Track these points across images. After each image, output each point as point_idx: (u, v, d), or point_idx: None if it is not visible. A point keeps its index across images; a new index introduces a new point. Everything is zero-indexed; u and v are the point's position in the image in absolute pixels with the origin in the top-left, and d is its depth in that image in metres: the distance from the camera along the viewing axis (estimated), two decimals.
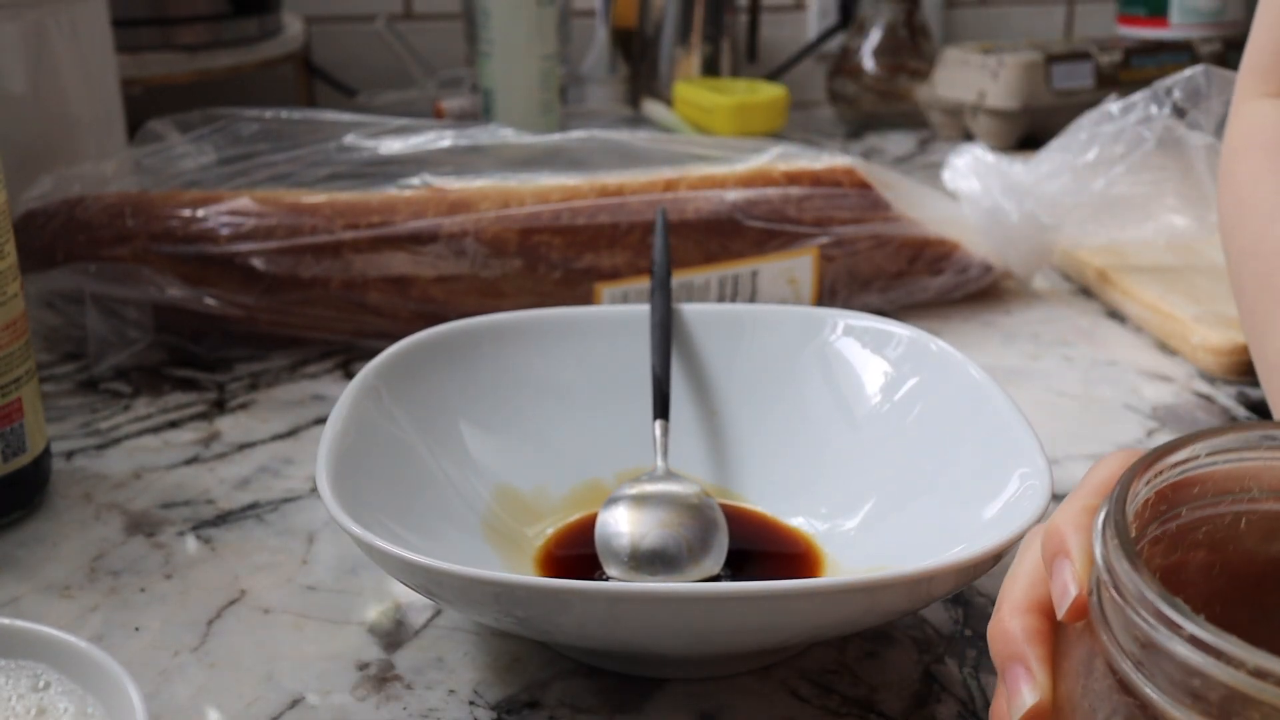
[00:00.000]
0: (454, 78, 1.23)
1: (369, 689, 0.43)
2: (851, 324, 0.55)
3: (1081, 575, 0.31)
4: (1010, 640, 0.33)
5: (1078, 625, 0.31)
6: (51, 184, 0.72)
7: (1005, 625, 0.33)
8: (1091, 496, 0.34)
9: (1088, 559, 0.31)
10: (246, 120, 0.81)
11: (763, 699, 0.43)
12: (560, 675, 0.44)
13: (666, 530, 0.46)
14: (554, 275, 0.70)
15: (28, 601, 0.48)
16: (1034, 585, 0.34)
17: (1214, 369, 0.68)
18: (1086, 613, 0.30)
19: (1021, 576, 0.35)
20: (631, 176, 0.74)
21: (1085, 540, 0.31)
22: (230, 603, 0.48)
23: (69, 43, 0.76)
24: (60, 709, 0.35)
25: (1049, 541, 0.33)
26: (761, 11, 1.29)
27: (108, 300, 0.68)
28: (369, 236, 0.69)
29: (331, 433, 0.46)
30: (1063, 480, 0.57)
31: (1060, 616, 0.31)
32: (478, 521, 0.49)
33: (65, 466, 0.59)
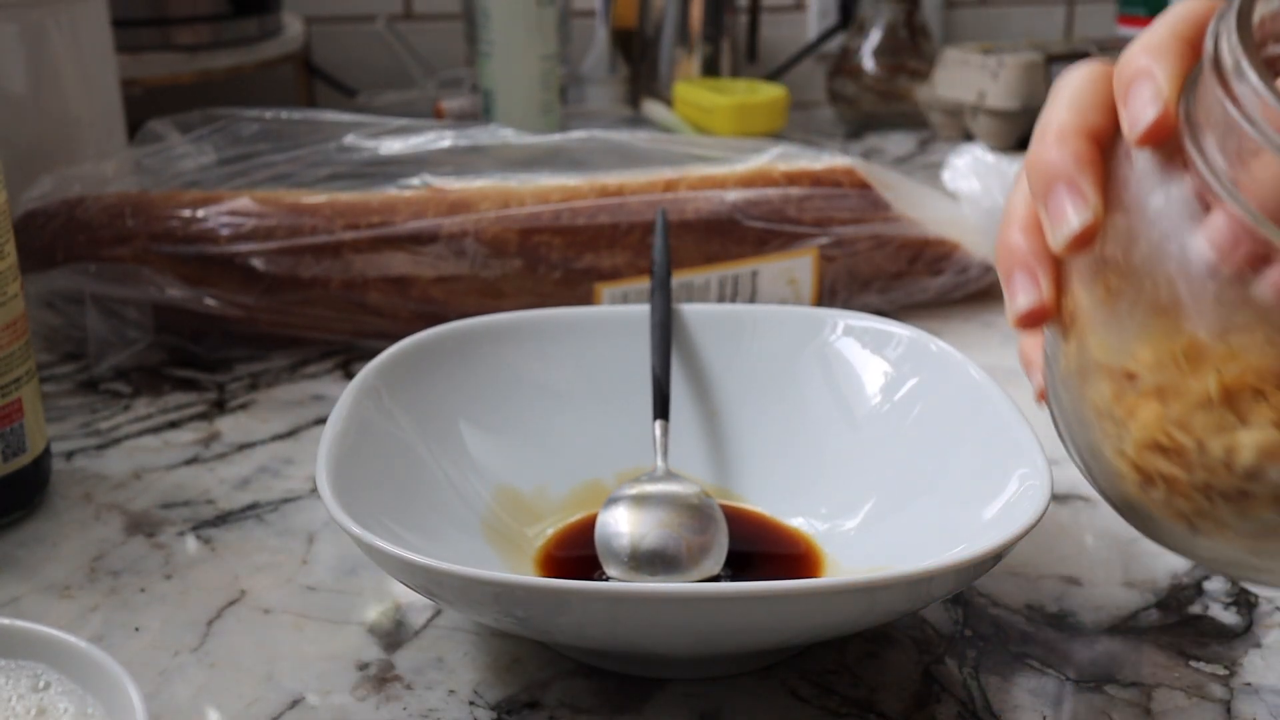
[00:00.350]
0: (454, 78, 1.23)
1: (369, 689, 0.43)
2: (851, 324, 0.55)
3: (1169, 96, 0.27)
4: (1053, 164, 0.29)
5: (1137, 155, 0.28)
6: (51, 184, 0.72)
7: (1048, 152, 0.30)
8: (1149, 38, 0.29)
9: (1177, 80, 0.28)
10: (246, 120, 0.81)
11: (762, 699, 0.43)
12: (560, 675, 0.44)
13: (666, 531, 0.46)
14: (554, 275, 0.70)
15: (28, 601, 0.48)
16: (1082, 112, 0.30)
17: None
18: (1169, 134, 0.27)
19: (1064, 107, 0.31)
20: (631, 177, 0.74)
21: (1172, 64, 0.28)
22: (230, 603, 0.48)
23: (69, 43, 0.76)
24: (60, 709, 0.35)
25: (1124, 68, 0.29)
26: (761, 12, 1.29)
27: (108, 300, 0.68)
28: (369, 237, 0.69)
29: (331, 433, 0.46)
30: (1062, 480, 0.57)
31: (1136, 137, 0.28)
32: (477, 522, 0.49)
33: (65, 467, 0.59)
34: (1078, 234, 0.29)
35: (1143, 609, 0.48)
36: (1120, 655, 0.45)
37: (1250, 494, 0.28)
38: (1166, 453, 0.28)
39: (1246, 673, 0.44)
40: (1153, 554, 0.52)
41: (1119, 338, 0.29)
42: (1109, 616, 0.47)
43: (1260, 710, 0.42)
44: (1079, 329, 0.30)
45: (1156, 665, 0.45)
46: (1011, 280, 0.32)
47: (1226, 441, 0.27)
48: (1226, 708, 0.43)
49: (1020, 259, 0.32)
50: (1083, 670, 0.44)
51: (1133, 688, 0.43)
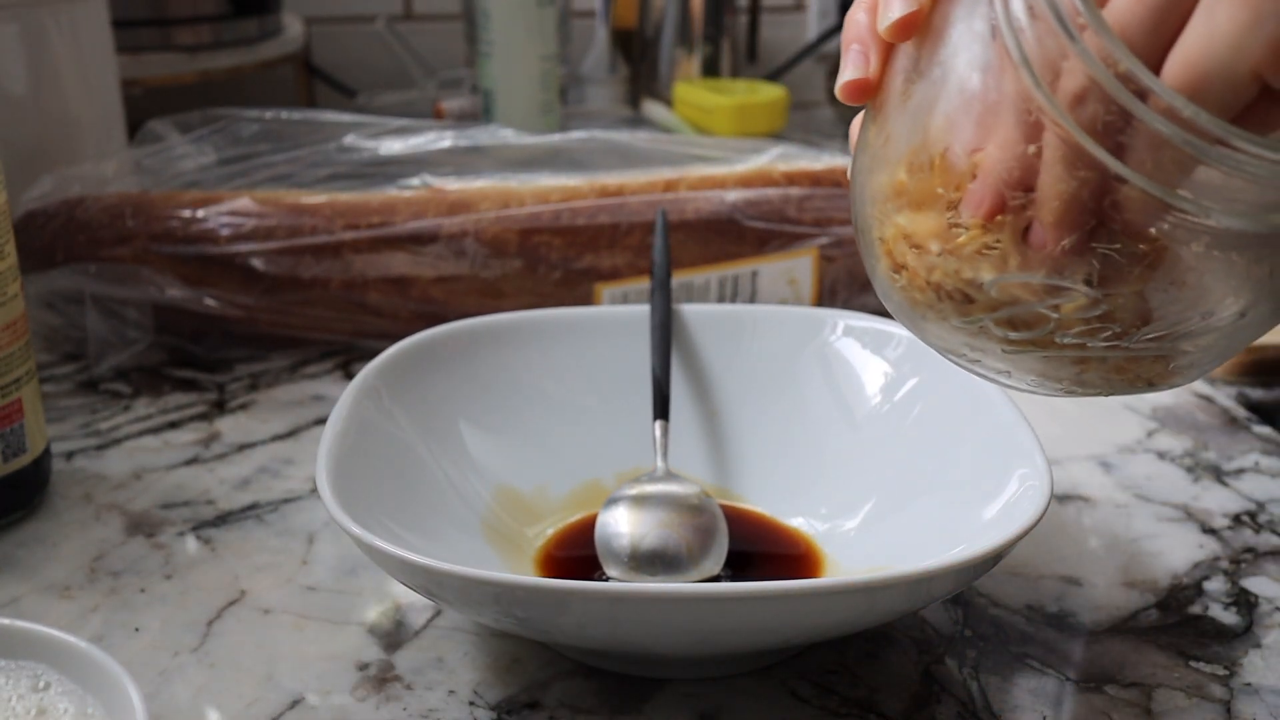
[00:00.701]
0: (454, 78, 1.23)
1: (369, 689, 0.43)
2: (852, 324, 0.55)
3: None
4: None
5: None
6: (51, 184, 0.72)
7: None
8: None
9: None
10: (246, 121, 0.81)
11: (762, 699, 0.43)
12: (560, 676, 0.44)
13: (666, 531, 0.46)
14: (554, 276, 0.70)
15: (28, 602, 0.48)
16: None
17: (1213, 370, 0.68)
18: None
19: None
20: (631, 177, 0.74)
21: None
22: (230, 603, 0.48)
23: (69, 43, 0.76)
24: (60, 709, 0.36)
25: None
26: (761, 12, 1.29)
27: (108, 301, 0.68)
28: (369, 237, 0.69)
29: (331, 433, 0.46)
30: (1062, 481, 0.57)
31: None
32: (478, 522, 0.49)
33: (65, 467, 0.59)
34: (897, 21, 0.32)
35: (1143, 609, 0.48)
36: (1120, 655, 0.45)
37: (972, 299, 0.32)
38: (913, 247, 0.33)
39: (1246, 673, 0.44)
40: (1153, 555, 0.52)
41: (904, 133, 0.33)
42: (1109, 617, 0.47)
43: (1260, 710, 0.42)
44: (881, 117, 0.34)
45: (1156, 665, 0.45)
46: (847, 53, 0.34)
47: (956, 250, 0.32)
48: (1226, 708, 0.43)
49: (858, 34, 0.34)
50: (1083, 670, 0.44)
51: (1133, 688, 0.43)
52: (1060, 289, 0.31)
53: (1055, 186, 0.30)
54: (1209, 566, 0.51)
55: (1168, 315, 0.31)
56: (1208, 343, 0.32)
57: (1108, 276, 0.30)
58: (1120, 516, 0.54)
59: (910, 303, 0.34)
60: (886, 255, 0.34)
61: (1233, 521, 0.54)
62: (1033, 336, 0.32)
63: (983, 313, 0.33)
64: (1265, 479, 0.58)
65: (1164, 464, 0.59)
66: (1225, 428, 0.63)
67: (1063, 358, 0.33)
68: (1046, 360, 0.33)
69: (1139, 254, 0.30)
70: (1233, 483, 0.57)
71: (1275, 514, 0.55)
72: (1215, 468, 0.59)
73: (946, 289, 0.33)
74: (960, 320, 0.33)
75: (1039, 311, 0.32)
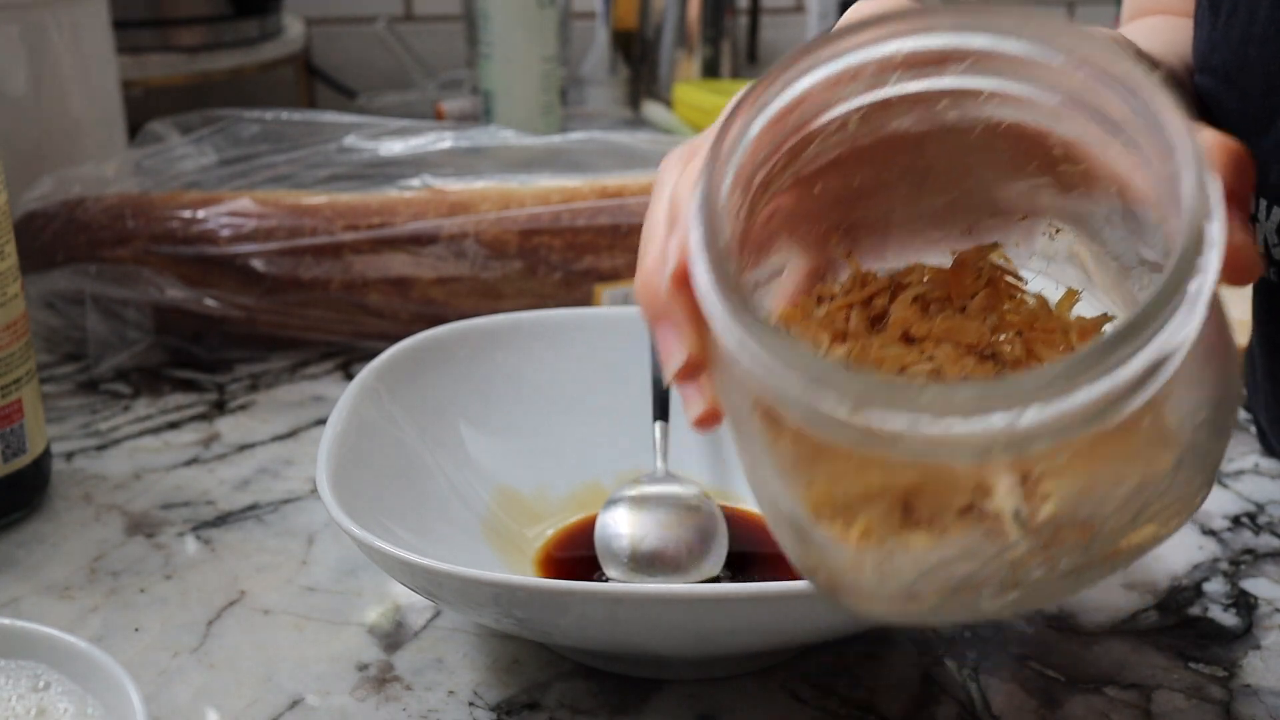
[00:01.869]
0: (454, 79, 1.23)
1: (369, 690, 0.43)
2: None
3: (691, 340, 0.31)
4: (657, 298, 0.32)
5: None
6: (52, 185, 0.72)
7: (651, 281, 0.33)
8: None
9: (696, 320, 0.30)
10: (247, 122, 0.81)
11: (762, 700, 0.43)
12: (560, 676, 0.44)
13: (666, 532, 0.46)
14: (554, 277, 0.70)
15: (28, 602, 0.48)
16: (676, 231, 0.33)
17: None
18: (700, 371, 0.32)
19: (662, 223, 0.34)
20: (632, 178, 0.74)
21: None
22: (230, 604, 0.48)
23: (69, 44, 0.76)
24: (60, 709, 0.36)
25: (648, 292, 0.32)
26: (761, 13, 1.30)
27: (108, 301, 0.68)
28: (369, 238, 0.69)
29: (331, 434, 0.46)
30: None
31: (670, 379, 0.32)
32: (477, 523, 0.49)
33: (65, 467, 0.59)
34: (685, 364, 0.32)
35: (1142, 611, 0.48)
36: (1120, 657, 0.45)
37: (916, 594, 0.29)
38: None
39: (1245, 674, 0.44)
40: (1152, 556, 0.52)
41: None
42: (1109, 618, 0.47)
43: (1259, 711, 0.42)
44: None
45: (1156, 667, 0.45)
46: (662, 333, 0.33)
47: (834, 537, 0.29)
48: (1226, 709, 0.43)
49: (670, 314, 0.32)
50: (1082, 672, 0.44)
51: (1132, 689, 0.43)
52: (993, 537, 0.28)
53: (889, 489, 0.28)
54: (1208, 568, 0.51)
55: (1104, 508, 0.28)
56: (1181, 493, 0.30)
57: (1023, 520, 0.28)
58: None
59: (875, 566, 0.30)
60: (838, 523, 0.31)
61: (1232, 523, 0.54)
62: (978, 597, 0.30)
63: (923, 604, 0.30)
64: (1265, 481, 0.58)
65: None
66: None
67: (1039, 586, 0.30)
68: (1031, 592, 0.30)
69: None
70: (1232, 484, 0.57)
71: (1274, 516, 0.55)
72: None
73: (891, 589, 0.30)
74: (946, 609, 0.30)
75: (971, 581, 0.29)
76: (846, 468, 0.28)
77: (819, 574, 0.31)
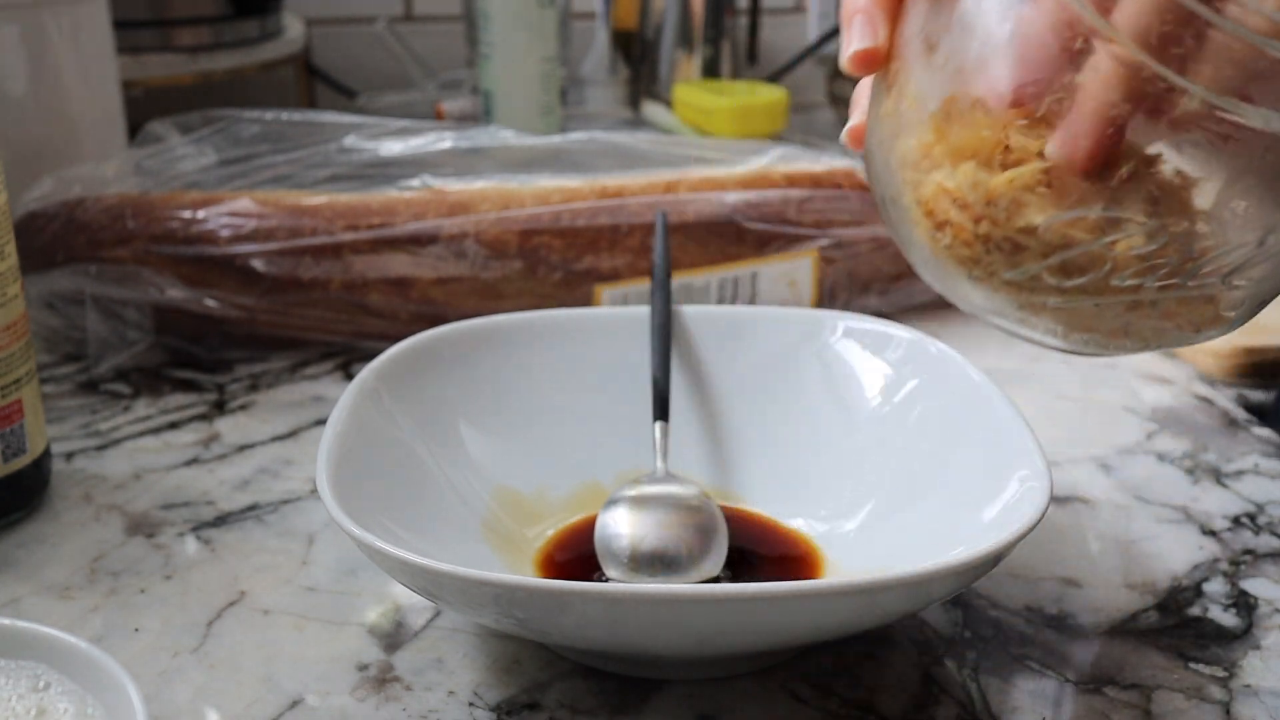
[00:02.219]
0: (454, 80, 1.23)
1: (368, 690, 0.43)
2: (851, 326, 0.56)
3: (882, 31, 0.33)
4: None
5: None
6: (52, 185, 0.72)
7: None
8: None
9: None
10: (247, 122, 0.81)
11: (762, 700, 0.43)
12: (560, 676, 0.44)
13: (666, 532, 0.46)
14: (554, 277, 0.70)
15: (28, 602, 0.48)
16: None
17: (1213, 371, 0.68)
18: None
19: None
20: (631, 178, 0.74)
21: None
22: (230, 604, 0.48)
23: (70, 44, 0.76)
24: (60, 709, 0.36)
25: None
26: (761, 14, 1.30)
27: (108, 301, 0.68)
28: (369, 238, 0.69)
29: (331, 434, 0.46)
30: (1062, 483, 0.57)
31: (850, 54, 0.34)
32: (477, 523, 0.49)
33: (65, 467, 0.59)
34: (863, 52, 0.33)
35: (1142, 611, 0.48)
36: (1120, 657, 0.45)
37: (1021, 246, 0.32)
38: (955, 202, 0.32)
39: (1246, 674, 0.44)
40: (1152, 556, 0.52)
41: (933, 89, 0.32)
42: (1108, 618, 0.47)
43: (1259, 712, 0.42)
44: (899, 82, 0.34)
45: (1156, 667, 0.45)
46: (850, 25, 0.34)
47: (1007, 195, 0.31)
48: (1226, 709, 0.43)
49: (860, 6, 0.34)
50: (1082, 672, 0.44)
51: (1132, 689, 0.43)
52: (1116, 223, 0.30)
53: (1110, 112, 0.29)
54: (1208, 568, 0.51)
55: (1223, 244, 0.30)
56: (1260, 274, 0.32)
57: (1165, 204, 0.30)
58: (1120, 518, 0.54)
59: (956, 261, 0.33)
60: (926, 217, 0.33)
61: (1232, 523, 0.54)
62: (1087, 282, 0.32)
63: (1034, 261, 0.32)
64: (1265, 481, 0.58)
65: (1163, 466, 0.59)
66: (1225, 430, 0.63)
67: (1116, 304, 0.32)
68: (1098, 311, 0.32)
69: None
70: (1232, 484, 0.57)
71: (1275, 516, 0.55)
72: (1215, 469, 0.59)
73: (995, 240, 0.32)
74: (1011, 273, 0.32)
75: (1094, 253, 0.31)
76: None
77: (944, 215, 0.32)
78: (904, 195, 0.34)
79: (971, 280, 0.33)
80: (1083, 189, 0.30)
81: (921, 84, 0.33)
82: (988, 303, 0.34)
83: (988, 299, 0.34)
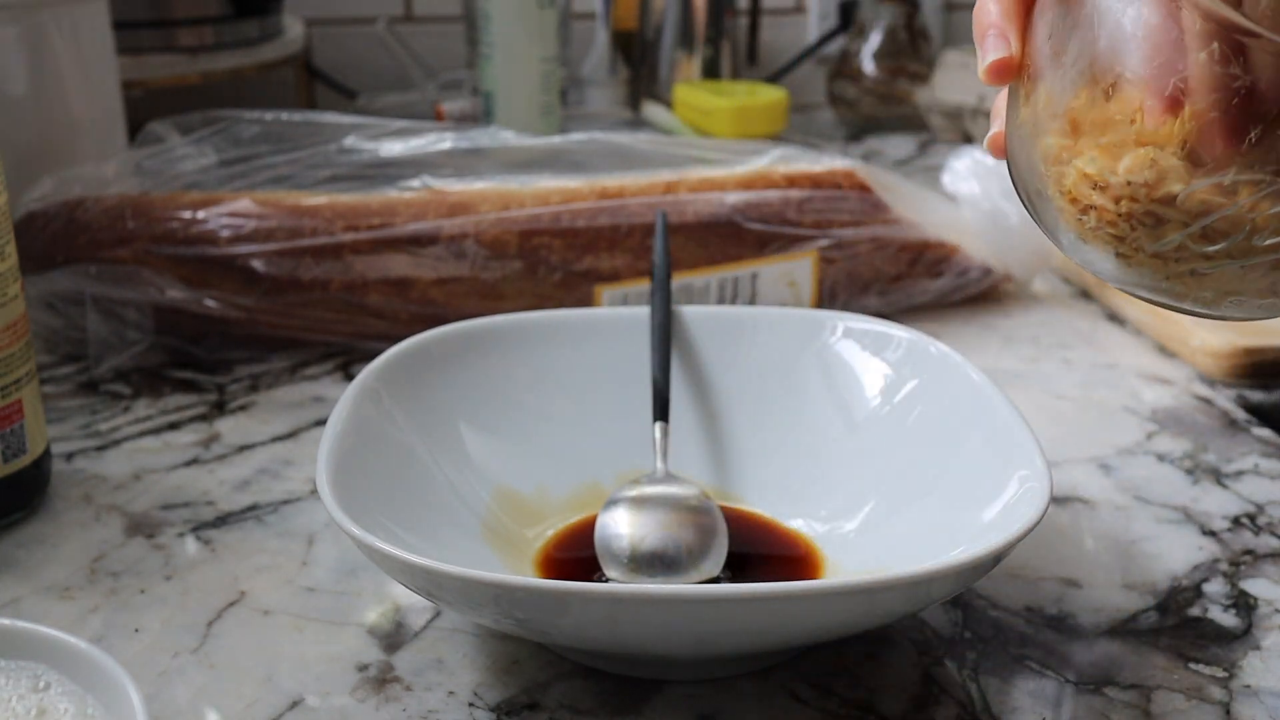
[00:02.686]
0: (454, 80, 1.23)
1: (369, 690, 0.43)
2: (851, 326, 0.56)
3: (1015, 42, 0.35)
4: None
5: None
6: (52, 186, 0.72)
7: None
8: None
9: None
10: (247, 122, 0.81)
11: (762, 701, 0.43)
12: (559, 677, 0.44)
13: (666, 532, 0.46)
14: (554, 277, 0.70)
15: (28, 602, 0.48)
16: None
17: (1214, 372, 0.68)
18: None
19: None
20: (632, 179, 0.74)
21: None
22: (230, 604, 0.48)
23: (70, 45, 0.76)
24: (60, 710, 0.36)
25: None
26: (762, 14, 1.30)
27: (108, 302, 0.68)
28: (369, 239, 0.69)
29: (331, 434, 0.46)
30: (1062, 483, 0.57)
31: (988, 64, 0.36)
32: (477, 523, 0.49)
33: (65, 468, 0.59)
34: (999, 62, 0.35)
35: (1142, 611, 0.48)
36: (1120, 657, 0.45)
37: (1162, 219, 0.33)
38: (1096, 186, 0.34)
39: (1246, 675, 0.44)
40: (1152, 557, 0.52)
41: (1065, 86, 0.35)
42: (1108, 619, 0.47)
43: (1259, 712, 0.42)
44: (1033, 87, 0.36)
45: (1156, 667, 0.45)
46: (984, 39, 0.37)
47: (1145, 171, 0.33)
48: (1226, 710, 0.43)
49: (993, 20, 0.37)
50: (1082, 672, 0.44)
51: (1132, 690, 0.43)
52: (1252, 185, 0.32)
53: (1233, 83, 0.31)
54: (1208, 569, 0.51)
55: None
56: None
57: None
58: (1120, 518, 0.55)
59: (1103, 242, 0.35)
60: (1071, 204, 0.35)
61: (1232, 524, 0.54)
62: (1230, 246, 0.33)
63: (1176, 230, 0.33)
64: (1265, 481, 0.58)
65: (1163, 466, 0.59)
66: (1225, 430, 0.63)
67: (1261, 265, 0.34)
68: (1244, 273, 0.34)
69: None
70: (1232, 485, 0.57)
71: (1274, 516, 0.55)
72: (1215, 470, 0.59)
73: (1137, 215, 0.34)
74: (1155, 245, 0.34)
75: (1233, 216, 0.33)
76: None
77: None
78: (1048, 187, 0.36)
79: (1120, 259, 0.35)
80: (1216, 156, 0.32)
81: (1055, 84, 0.35)
82: (1138, 278, 0.35)
83: (1137, 274, 0.35)
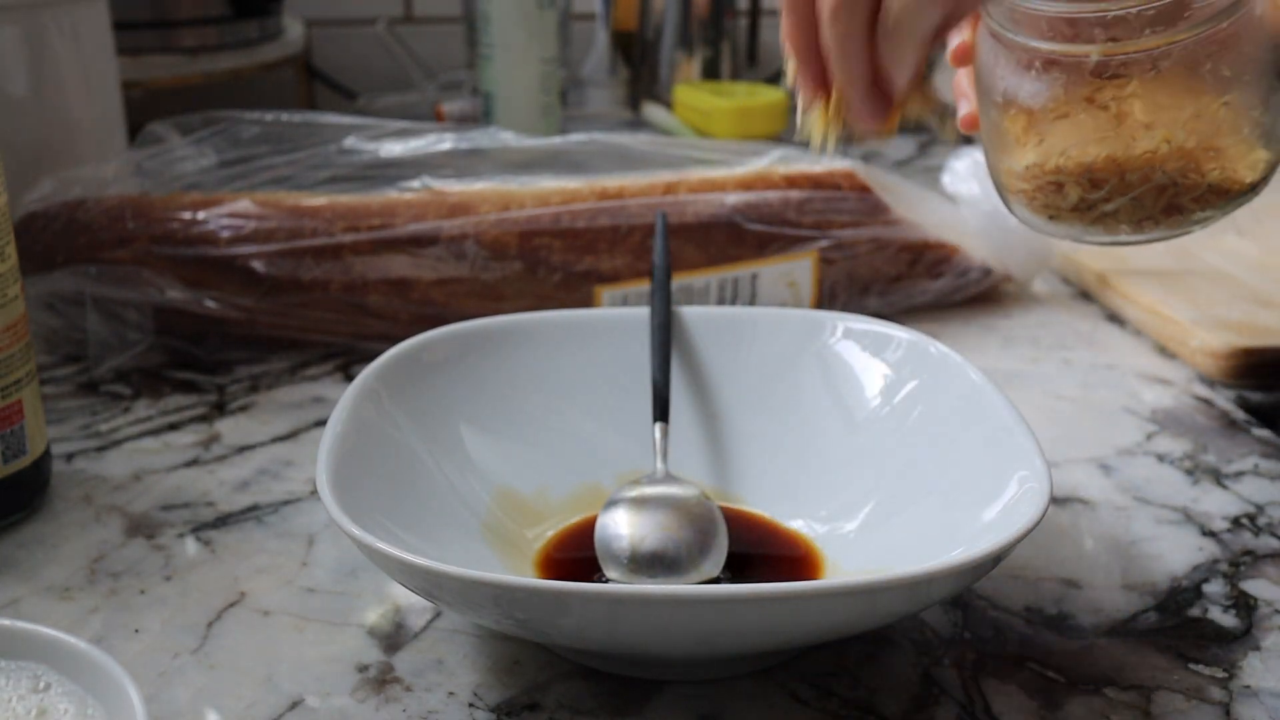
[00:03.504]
0: (454, 81, 1.23)
1: (369, 691, 0.43)
2: (851, 327, 0.56)
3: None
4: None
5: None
6: (52, 186, 0.72)
7: None
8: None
9: None
10: (247, 123, 0.81)
11: (762, 701, 0.43)
12: (559, 677, 0.44)
13: (666, 533, 0.46)
14: (554, 278, 0.70)
15: (28, 603, 0.48)
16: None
17: (1213, 372, 0.68)
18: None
19: None
20: (631, 179, 0.74)
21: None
22: (230, 605, 0.48)
23: (70, 45, 0.76)
24: (60, 710, 0.36)
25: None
26: (762, 15, 1.30)
27: (108, 302, 0.68)
28: (369, 239, 0.69)
29: (331, 435, 0.46)
30: (1062, 483, 0.57)
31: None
32: (477, 524, 0.49)
33: (65, 468, 0.59)
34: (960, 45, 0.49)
35: (1142, 612, 0.48)
36: (1119, 658, 0.45)
37: (1059, 184, 0.44)
38: (1019, 176, 0.45)
39: (1245, 675, 0.44)
40: (1152, 557, 0.52)
41: (984, 113, 0.47)
42: (1108, 619, 0.47)
43: (1259, 713, 0.42)
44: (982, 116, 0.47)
45: (1156, 668, 0.45)
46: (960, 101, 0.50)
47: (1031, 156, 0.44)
48: (1226, 710, 0.43)
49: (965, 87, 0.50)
50: (1082, 673, 0.44)
51: (1132, 690, 0.43)
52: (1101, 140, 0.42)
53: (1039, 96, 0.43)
54: (1208, 569, 0.51)
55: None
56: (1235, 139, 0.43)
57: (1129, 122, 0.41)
58: (1119, 519, 0.55)
59: (1037, 210, 0.45)
60: (1011, 191, 0.46)
61: (1232, 524, 0.54)
62: (1114, 186, 0.42)
63: (1074, 189, 0.43)
64: (1264, 482, 0.58)
65: (1163, 467, 0.59)
66: (1224, 430, 0.63)
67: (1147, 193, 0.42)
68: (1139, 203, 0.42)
69: None
70: (1232, 485, 0.57)
71: (1274, 517, 0.55)
72: (1214, 470, 0.59)
73: (1043, 186, 0.44)
74: (1065, 202, 0.44)
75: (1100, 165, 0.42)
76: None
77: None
78: (999, 180, 0.47)
79: (1053, 220, 0.45)
80: (1064, 131, 0.42)
81: (982, 113, 0.47)
82: (1071, 230, 0.45)
83: (1069, 227, 0.45)
